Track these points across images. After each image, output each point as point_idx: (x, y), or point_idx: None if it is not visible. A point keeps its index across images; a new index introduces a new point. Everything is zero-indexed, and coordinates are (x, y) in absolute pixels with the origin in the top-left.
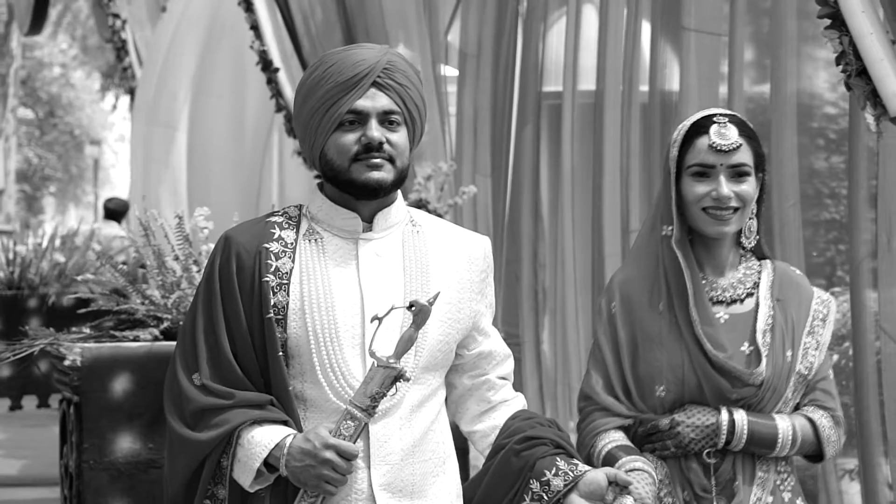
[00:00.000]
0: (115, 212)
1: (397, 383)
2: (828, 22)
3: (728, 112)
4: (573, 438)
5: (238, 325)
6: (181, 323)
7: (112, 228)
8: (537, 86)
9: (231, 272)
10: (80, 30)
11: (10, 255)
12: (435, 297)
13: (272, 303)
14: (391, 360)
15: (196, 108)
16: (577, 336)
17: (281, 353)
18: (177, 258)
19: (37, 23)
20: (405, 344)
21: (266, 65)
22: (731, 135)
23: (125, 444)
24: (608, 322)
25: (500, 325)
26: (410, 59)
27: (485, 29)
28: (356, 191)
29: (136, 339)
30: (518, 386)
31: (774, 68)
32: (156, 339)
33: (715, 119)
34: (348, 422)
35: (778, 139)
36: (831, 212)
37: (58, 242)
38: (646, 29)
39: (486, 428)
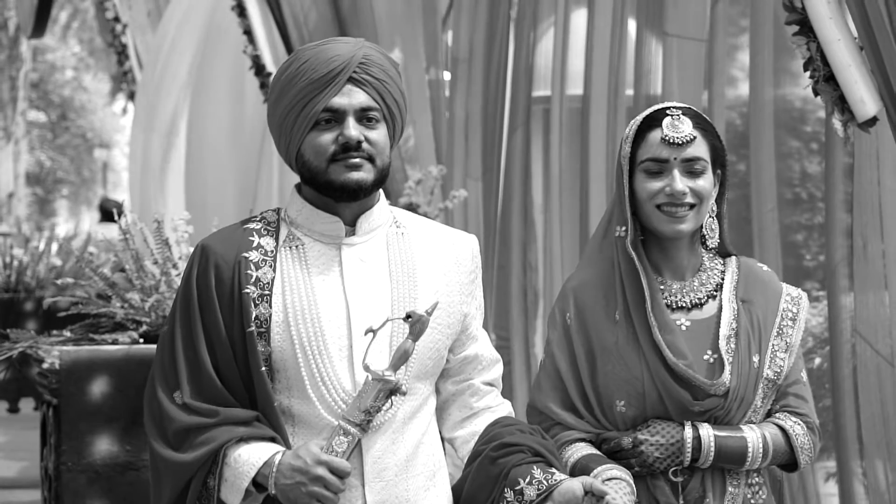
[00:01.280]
0: (112, 213)
1: (392, 397)
2: (796, 28)
3: (682, 105)
4: None
5: (219, 339)
6: (161, 332)
7: (109, 230)
8: (528, 90)
9: (209, 284)
10: (87, 32)
11: (7, 259)
12: (433, 307)
13: (254, 315)
14: (386, 373)
15: (194, 113)
16: None
17: (264, 368)
18: (156, 262)
19: (40, 25)
20: (401, 356)
21: (259, 69)
22: (685, 127)
23: (103, 446)
24: (563, 333)
25: (492, 330)
26: (405, 64)
27: (476, 33)
28: (335, 193)
29: (114, 343)
30: (508, 390)
31: (753, 74)
32: (134, 342)
33: (668, 112)
34: (341, 437)
35: (757, 144)
36: (825, 215)
37: (55, 246)
38: (632, 34)
39: (466, 434)
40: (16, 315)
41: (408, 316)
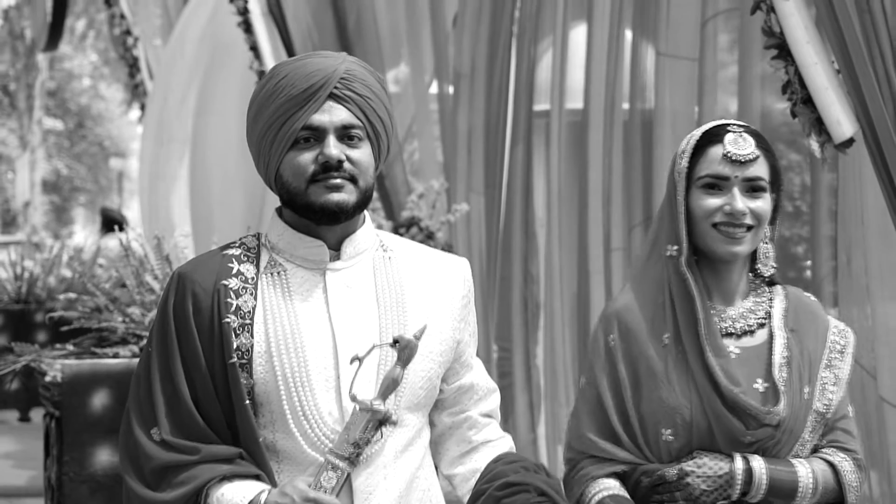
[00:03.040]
0: (113, 220)
1: (382, 427)
2: (775, 52)
3: (742, 123)
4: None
5: (198, 372)
6: (136, 365)
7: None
8: (529, 105)
9: (187, 314)
10: (103, 42)
11: (19, 270)
12: (422, 331)
13: (235, 346)
14: (375, 403)
15: (201, 127)
16: (563, 351)
17: (248, 402)
18: (156, 277)
19: (53, 38)
20: (390, 384)
21: None
22: (748, 144)
23: (104, 457)
24: (606, 357)
25: (495, 341)
26: (409, 79)
27: (478, 48)
28: (315, 215)
29: (115, 356)
30: (509, 400)
31: (741, 88)
32: (134, 355)
33: (729, 128)
34: (329, 472)
35: None
36: (811, 230)
37: (65, 257)
38: (629, 50)
39: (467, 471)
40: (26, 326)
41: (395, 341)
